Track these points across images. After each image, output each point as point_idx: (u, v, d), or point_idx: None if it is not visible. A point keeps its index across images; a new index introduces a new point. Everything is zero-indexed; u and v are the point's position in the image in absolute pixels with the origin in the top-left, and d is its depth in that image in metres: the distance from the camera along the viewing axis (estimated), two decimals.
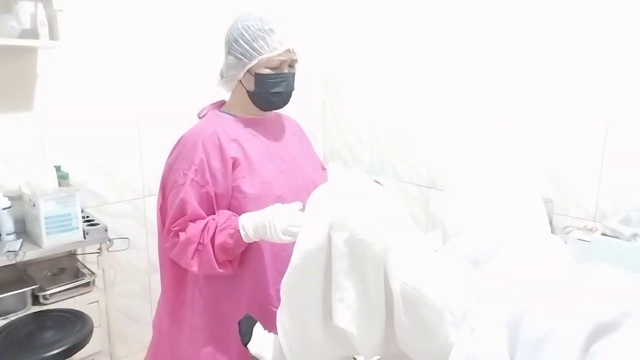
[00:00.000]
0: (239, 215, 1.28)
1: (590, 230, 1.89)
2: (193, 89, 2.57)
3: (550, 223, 2.14)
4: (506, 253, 1.13)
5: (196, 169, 1.28)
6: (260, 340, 1.14)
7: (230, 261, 1.29)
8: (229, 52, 1.35)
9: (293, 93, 1.42)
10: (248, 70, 1.33)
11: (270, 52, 1.30)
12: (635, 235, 1.61)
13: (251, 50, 1.30)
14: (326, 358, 1.07)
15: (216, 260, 1.25)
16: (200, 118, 1.44)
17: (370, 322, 0.96)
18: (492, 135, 2.35)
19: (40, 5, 1.84)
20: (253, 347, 1.13)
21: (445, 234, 1.44)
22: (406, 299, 0.94)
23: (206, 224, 1.26)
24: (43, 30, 1.84)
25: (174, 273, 1.39)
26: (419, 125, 2.69)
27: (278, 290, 1.13)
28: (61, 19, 1.87)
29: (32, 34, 1.84)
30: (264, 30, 1.29)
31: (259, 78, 1.33)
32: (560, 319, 0.86)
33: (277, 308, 1.14)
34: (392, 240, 0.93)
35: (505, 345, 0.90)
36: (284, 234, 1.18)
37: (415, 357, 1.03)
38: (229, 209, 1.32)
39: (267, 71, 1.33)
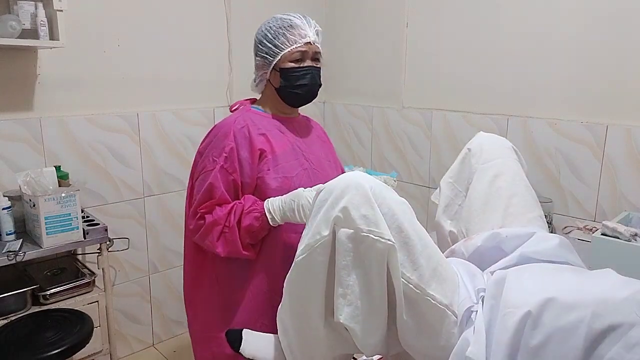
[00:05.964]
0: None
1: (590, 230, 1.89)
2: (193, 89, 2.57)
3: (550, 223, 2.14)
4: (511, 253, 1.13)
5: (226, 157, 1.34)
6: (253, 340, 1.15)
7: (253, 245, 1.34)
8: (256, 54, 1.45)
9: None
10: (274, 67, 1.41)
11: (290, 45, 1.37)
12: (635, 235, 1.61)
13: (274, 48, 1.38)
14: (325, 357, 1.06)
15: (241, 242, 1.30)
16: (232, 111, 1.50)
17: (372, 319, 0.96)
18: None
19: (40, 5, 1.84)
20: (247, 348, 1.13)
21: (441, 237, 1.44)
22: (409, 297, 0.94)
23: (232, 207, 1.31)
24: (43, 30, 1.84)
25: (195, 258, 1.45)
26: (419, 125, 2.69)
27: None
28: (61, 19, 1.87)
29: (32, 34, 1.84)
30: (284, 27, 1.38)
31: (283, 72, 1.40)
32: (562, 324, 0.86)
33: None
34: (396, 238, 0.92)
35: (507, 346, 0.89)
36: None
37: (416, 356, 1.03)
38: None
39: (291, 64, 1.40)
